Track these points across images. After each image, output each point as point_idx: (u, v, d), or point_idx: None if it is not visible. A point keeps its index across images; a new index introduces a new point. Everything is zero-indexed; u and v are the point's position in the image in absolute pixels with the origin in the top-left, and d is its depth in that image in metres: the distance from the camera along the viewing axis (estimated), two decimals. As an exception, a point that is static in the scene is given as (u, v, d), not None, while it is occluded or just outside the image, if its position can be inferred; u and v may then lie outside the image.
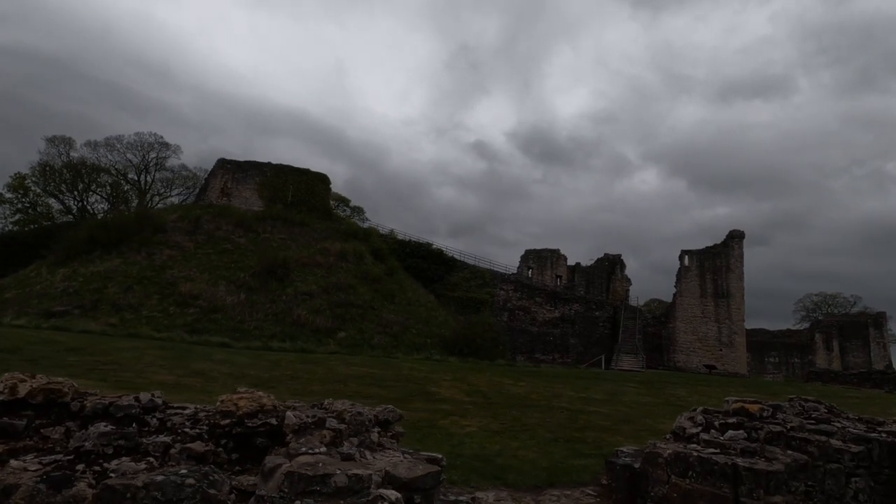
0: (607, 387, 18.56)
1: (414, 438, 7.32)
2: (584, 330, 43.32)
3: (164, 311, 28.35)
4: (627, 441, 8.51)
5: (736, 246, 39.53)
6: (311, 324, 30.60)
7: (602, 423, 10.11)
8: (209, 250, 35.17)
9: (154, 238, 34.90)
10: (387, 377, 13.73)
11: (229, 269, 33.75)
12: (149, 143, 47.97)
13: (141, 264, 32.25)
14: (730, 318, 38.78)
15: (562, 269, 48.01)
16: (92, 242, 33.39)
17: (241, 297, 31.32)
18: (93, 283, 29.87)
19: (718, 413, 5.53)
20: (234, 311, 29.77)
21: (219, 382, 10.10)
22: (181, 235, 35.90)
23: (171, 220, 37.30)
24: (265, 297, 32.16)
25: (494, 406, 10.92)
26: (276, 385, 10.53)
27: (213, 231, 37.12)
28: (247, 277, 33.21)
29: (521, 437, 8.11)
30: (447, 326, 36.31)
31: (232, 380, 10.49)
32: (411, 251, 44.47)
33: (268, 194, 41.69)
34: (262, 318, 30.01)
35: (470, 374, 17.26)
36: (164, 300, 29.35)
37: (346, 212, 60.05)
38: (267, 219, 39.82)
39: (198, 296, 30.05)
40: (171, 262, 33.11)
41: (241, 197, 41.35)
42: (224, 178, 41.51)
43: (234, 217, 38.52)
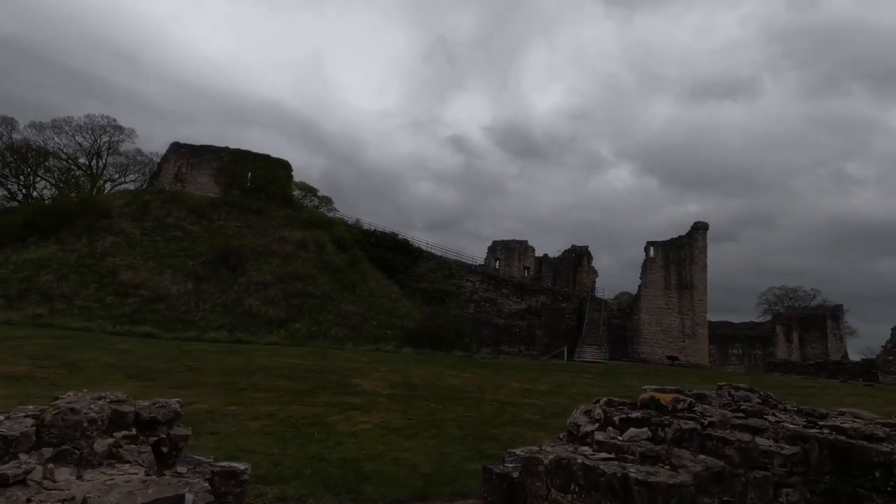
0: (560, 378, 17.52)
1: (282, 438, 6.00)
2: (551, 322, 42.52)
3: (100, 301, 26.32)
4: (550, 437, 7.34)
5: (700, 237, 39.14)
6: (263, 315, 28.96)
7: (531, 418, 8.95)
8: (157, 238, 33.07)
9: (98, 224, 32.64)
10: (310, 368, 12.35)
11: (177, 258, 31.76)
12: (100, 126, 45.14)
13: (80, 252, 30.03)
14: (693, 310, 38.43)
15: (530, 261, 47.12)
16: (28, 228, 31.01)
17: (189, 286, 29.41)
18: (23, 270, 27.61)
19: (624, 405, 4.34)
20: (178, 301, 27.89)
21: (83, 374, 8.60)
22: (127, 222, 33.68)
23: (118, 205, 34.98)
24: (215, 286, 30.33)
25: (415, 399, 9.67)
26: (159, 377, 9.07)
27: (163, 218, 34.96)
28: (196, 266, 31.29)
29: (421, 436, 6.88)
30: (411, 318, 35.03)
31: (107, 372, 9.00)
32: (376, 241, 42.93)
33: (225, 180, 39.57)
34: (209, 309, 28.21)
35: (413, 365, 16.00)
36: (102, 289, 27.30)
37: (314, 201, 58.03)
38: (223, 206, 37.77)
39: (140, 285, 28.07)
40: (113, 249, 30.95)
41: (196, 183, 39.14)
42: (178, 162, 39.22)
43: (186, 203, 36.38)
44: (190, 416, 6.75)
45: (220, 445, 5.45)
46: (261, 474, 4.68)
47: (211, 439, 5.72)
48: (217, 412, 6.99)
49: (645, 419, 3.91)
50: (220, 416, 6.78)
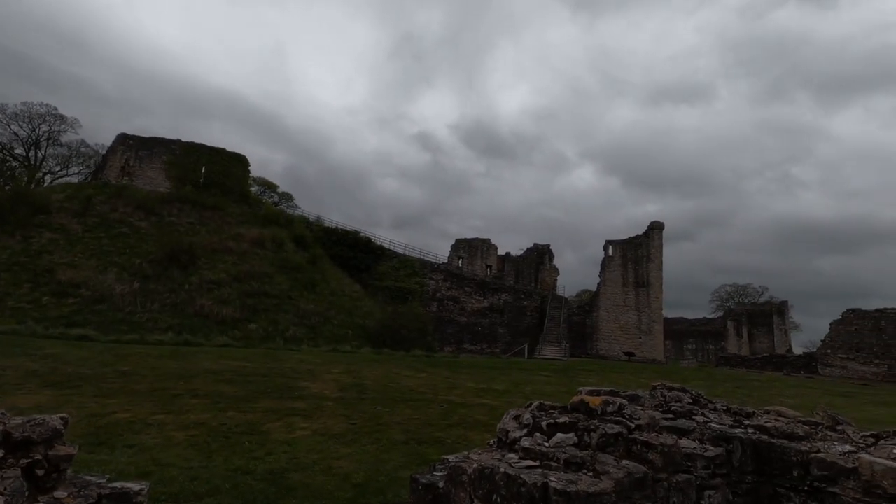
0: (517, 376, 17.59)
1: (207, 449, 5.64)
2: (513, 320, 42.90)
3: (35, 302, 24.70)
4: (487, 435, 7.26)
5: (656, 236, 40.31)
6: (215, 315, 27.88)
7: (480, 419, 8.84)
8: (101, 234, 31.35)
9: (34, 220, 30.65)
10: (257, 372, 11.87)
11: (123, 255, 30.20)
12: (39, 115, 42.44)
13: (13, 248, 28.13)
14: (649, 307, 39.56)
15: (492, 259, 47.38)
16: (-46, 223, 28.77)
17: (135, 285, 27.99)
18: (-52, 269, 25.58)
19: (555, 409, 4.24)
20: (123, 301, 26.48)
21: (-3, 382, 7.93)
22: (68, 217, 31.78)
23: (58, 199, 32.96)
24: (164, 286, 28.99)
25: (363, 402, 9.40)
26: (82, 385, 8.45)
27: (108, 213, 33.18)
28: (144, 264, 29.84)
29: (361, 441, 6.63)
30: (373, 317, 34.56)
31: (23, 379, 8.32)
32: (338, 239, 42.21)
33: (177, 174, 37.90)
34: (157, 310, 26.92)
35: (369, 366, 15.68)
36: (38, 289, 25.64)
37: (274, 198, 56.50)
38: (174, 201, 36.17)
39: (80, 284, 26.51)
40: (51, 246, 29.13)
41: (145, 177, 37.34)
42: (126, 155, 37.29)
43: (134, 198, 34.65)
44: (108, 427, 6.28)
45: (134, 461, 5.05)
46: (173, 491, 4.34)
47: (125, 454, 5.30)
48: (140, 422, 6.54)
49: (572, 424, 3.82)
50: (142, 427, 6.34)
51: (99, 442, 5.58)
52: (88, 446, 5.38)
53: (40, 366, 9.76)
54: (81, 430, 5.96)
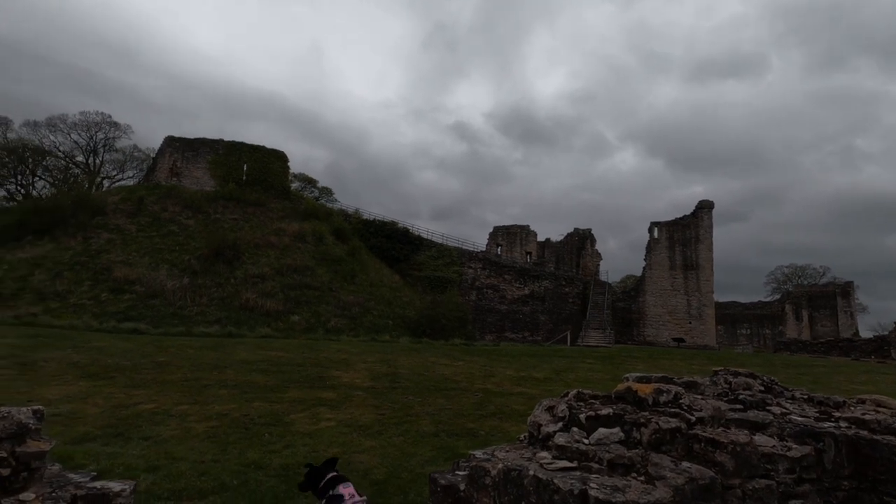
0: (559, 364, 16.79)
1: (224, 442, 5.31)
2: (554, 307, 41.74)
3: (94, 298, 25.88)
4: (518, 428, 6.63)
5: (705, 216, 38.01)
6: (260, 307, 28.43)
7: (517, 409, 8.22)
8: (153, 233, 32.55)
9: (93, 221, 32.17)
10: (290, 361, 11.70)
11: (173, 253, 31.25)
12: (95, 123, 44.62)
13: (75, 249, 29.60)
14: (699, 290, 37.44)
15: (531, 246, 46.23)
16: (23, 228, 30.59)
17: (185, 281, 28.89)
18: (18, 270, 27.19)
19: (595, 399, 3.57)
20: (174, 296, 27.37)
21: (34, 374, 7.99)
22: (123, 218, 33.19)
23: (113, 202, 34.47)
24: (212, 280, 29.80)
25: (394, 392, 8.97)
26: (118, 376, 8.43)
27: (159, 213, 34.43)
28: (192, 261, 30.75)
29: (388, 433, 6.17)
30: (412, 307, 34.46)
31: (63, 371, 8.38)
32: (376, 230, 42.26)
33: (221, 173, 38.91)
34: (205, 303, 27.71)
35: (405, 355, 15.33)
36: (97, 286, 26.85)
37: (314, 193, 57.36)
38: (219, 199, 37.15)
39: (134, 281, 27.57)
40: (109, 246, 30.49)
41: (192, 177, 38.54)
42: (173, 156, 38.60)
43: (182, 198, 35.81)
44: (129, 418, 6.10)
45: (146, 454, 4.79)
46: (177, 488, 4.01)
47: (139, 446, 5.06)
48: (163, 413, 6.34)
49: (618, 416, 3.14)
50: (163, 418, 6.13)
51: (116, 433, 5.37)
52: (105, 438, 5.17)
53: (83, 357, 9.91)
54: (103, 421, 5.79)
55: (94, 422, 5.69)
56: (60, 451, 4.56)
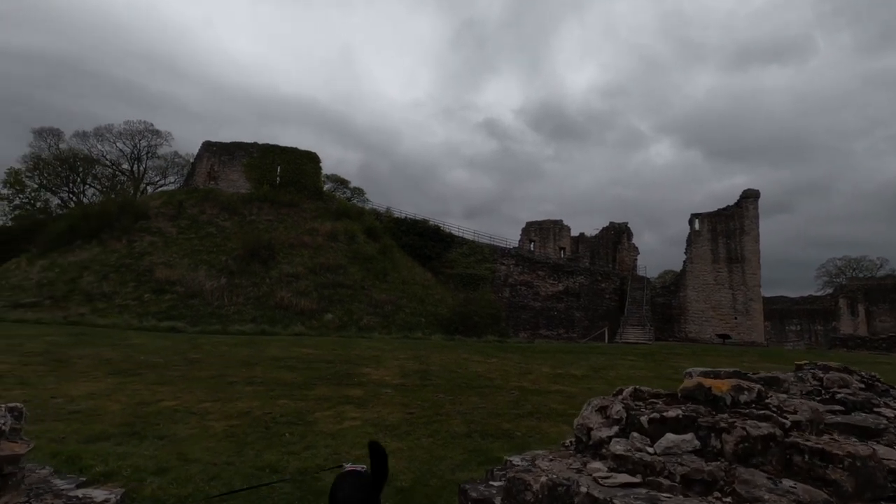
0: (597, 360, 15.98)
1: (242, 442, 4.95)
2: (590, 303, 40.47)
3: (138, 299, 26.64)
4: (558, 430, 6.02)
5: (750, 206, 35.91)
6: (294, 306, 28.65)
7: (556, 408, 7.60)
8: (192, 235, 33.38)
9: (136, 225, 33.27)
10: (321, 358, 11.42)
11: (211, 254, 31.92)
12: (139, 131, 46.31)
13: (120, 252, 30.63)
14: (745, 284, 35.42)
15: (565, 241, 45.02)
16: (73, 232, 31.92)
17: (222, 281, 29.43)
18: (69, 272, 28.35)
19: (657, 398, 2.96)
20: (212, 296, 27.91)
21: (65, 370, 7.94)
22: (164, 221, 34.19)
23: (155, 206, 35.59)
24: (248, 280, 30.26)
25: (424, 389, 8.50)
26: (147, 373, 8.30)
27: (197, 216, 35.31)
28: (229, 261, 31.33)
29: (416, 434, 5.69)
30: (444, 304, 34.07)
31: (94, 367, 8.32)
32: (407, 228, 42.09)
33: (255, 176, 39.61)
34: (242, 302, 28.13)
35: (437, 352, 14.87)
36: (140, 287, 27.67)
37: (346, 193, 57.86)
38: (254, 201, 37.81)
39: (175, 282, 28.27)
40: (151, 248, 31.42)
41: (228, 180, 39.39)
42: (210, 161, 39.55)
43: (219, 200, 36.63)
44: (149, 416, 5.86)
45: (157, 454, 4.49)
46: (184, 493, 3.66)
47: (153, 446, 4.77)
48: (184, 410, 6.09)
49: (689, 419, 2.53)
50: (183, 416, 5.86)
51: (132, 432, 5.11)
52: (119, 437, 4.91)
53: (117, 354, 9.91)
54: (121, 418, 5.55)
55: (112, 419, 5.46)
56: (70, 451, 4.31)
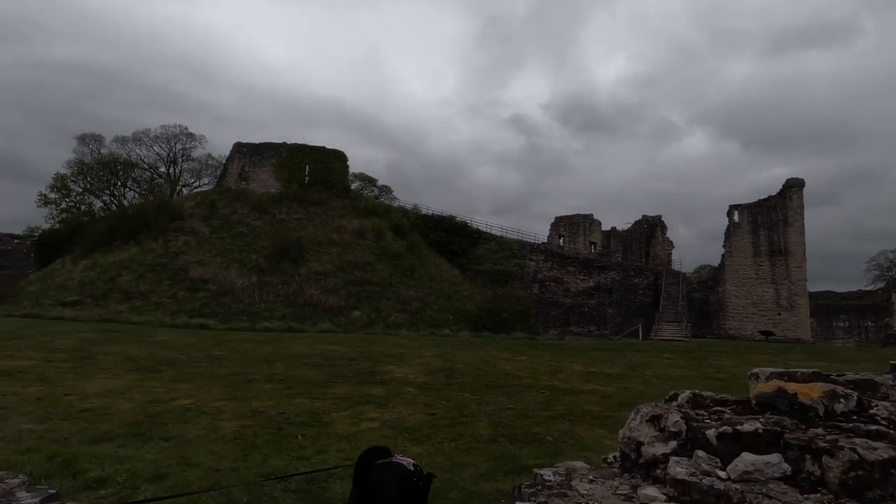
0: (632, 358, 15.19)
1: (251, 445, 4.60)
2: (623, 299, 39.20)
3: (173, 297, 27.19)
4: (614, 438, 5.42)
5: (794, 196, 33.93)
6: (323, 303, 28.70)
7: (591, 409, 7.01)
8: (224, 234, 33.93)
9: (171, 225, 34.04)
10: (344, 355, 11.13)
11: (242, 252, 32.35)
12: (174, 135, 47.58)
13: (156, 252, 31.38)
14: (789, 278, 33.51)
15: (596, 236, 43.76)
16: (112, 234, 32.91)
17: (253, 279, 29.75)
18: (109, 272, 29.20)
19: (724, 406, 2.38)
20: (243, 293, 28.24)
21: (88, 367, 7.85)
22: (197, 221, 34.88)
23: (189, 207, 36.38)
24: (278, 278, 30.50)
25: (449, 388, 8.04)
26: (167, 370, 8.14)
27: (229, 215, 35.89)
28: (260, 259, 31.67)
29: (438, 437, 5.23)
30: (472, 301, 33.59)
31: (117, 364, 8.23)
32: (434, 225, 41.78)
33: (285, 175, 40.04)
34: (272, 300, 28.36)
35: (464, 349, 14.40)
36: (175, 286, 28.23)
37: (374, 191, 58.04)
38: (283, 200, 38.19)
39: (208, 280, 28.74)
40: (185, 248, 32.07)
41: (258, 180, 39.95)
42: (241, 162, 40.20)
43: (250, 200, 37.16)
44: (159, 415, 5.61)
45: (158, 458, 4.19)
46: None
47: (155, 448, 4.48)
48: (196, 410, 5.82)
49: (772, 435, 1.96)
50: (194, 416, 5.59)
51: (138, 433, 4.84)
52: (124, 437, 4.64)
53: (142, 351, 9.86)
54: (130, 417, 5.31)
55: (120, 419, 5.23)
56: (69, 453, 4.05)
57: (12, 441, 4.22)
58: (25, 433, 4.40)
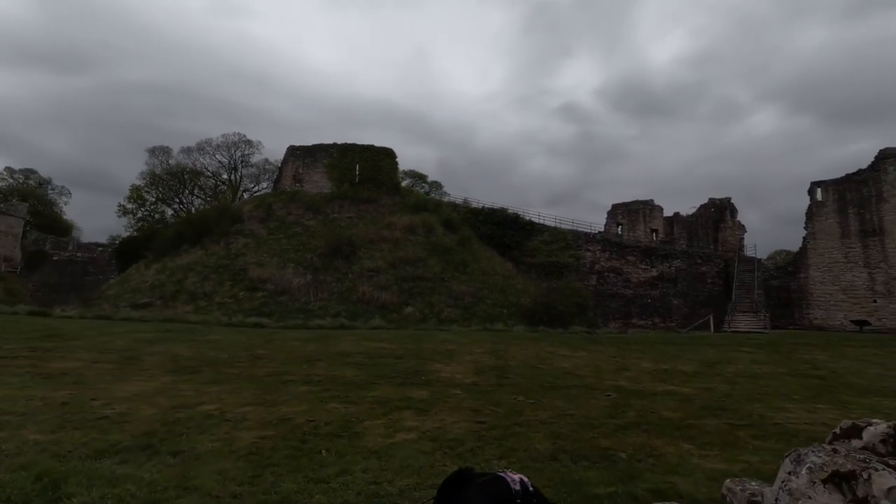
0: (707, 353, 13.59)
1: (265, 462, 3.93)
2: (689, 288, 36.41)
3: (234, 297, 28.00)
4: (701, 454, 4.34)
5: (890, 169, 29.89)
6: (375, 300, 28.59)
7: (668, 416, 5.87)
8: (280, 235, 34.74)
9: (232, 229, 35.25)
10: (391, 353, 10.49)
11: (298, 252, 32.94)
12: (234, 143, 49.56)
13: (219, 254, 32.55)
14: (885, 261, 29.60)
15: (657, 223, 40.99)
16: (180, 239, 34.55)
17: (308, 278, 30.16)
18: (176, 275, 30.57)
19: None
20: (299, 292, 28.66)
21: (130, 368, 7.65)
22: (256, 224, 35.94)
23: (248, 210, 37.59)
24: (331, 276, 30.76)
25: (500, 390, 7.13)
26: (206, 370, 7.80)
27: (285, 217, 36.73)
28: (314, 258, 32.10)
29: (485, 453, 4.35)
30: (527, 295, 32.41)
31: (158, 365, 8.01)
32: (485, 218, 40.78)
33: (336, 175, 40.55)
34: (326, 298, 28.58)
35: (518, 344, 13.43)
36: (236, 286, 29.08)
37: (424, 188, 57.87)
38: (335, 199, 38.66)
39: (266, 280, 29.41)
40: (245, 249, 33.07)
41: (311, 181, 40.71)
42: (295, 164, 41.12)
43: (303, 201, 37.88)
44: (177, 423, 5.11)
45: (157, 479, 3.60)
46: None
47: (158, 466, 3.91)
48: (218, 417, 5.29)
49: None
50: (215, 424, 5.05)
51: (147, 445, 4.33)
52: (130, 451, 4.13)
53: (188, 351, 9.70)
54: (146, 426, 4.84)
55: (135, 428, 4.77)
56: (61, 472, 3.56)
57: (11, 454, 3.81)
58: (29, 445, 3.99)
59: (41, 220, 48.94)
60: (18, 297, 36.57)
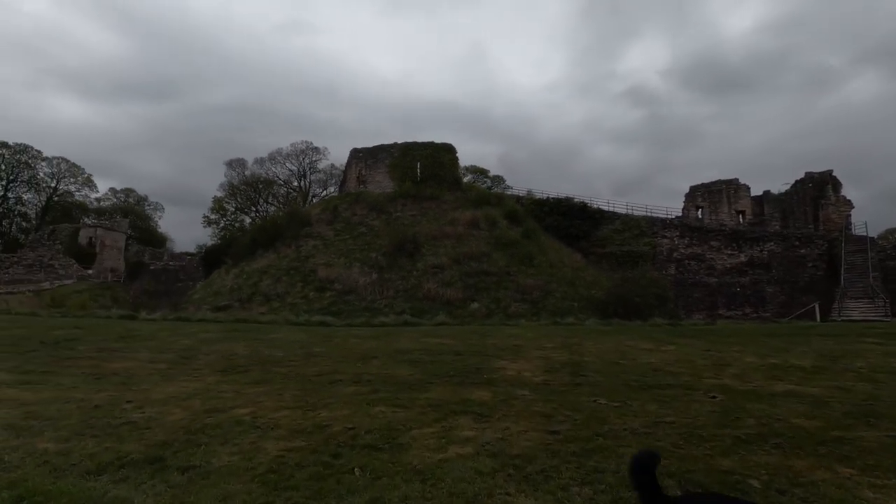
0: (822, 345, 11.42)
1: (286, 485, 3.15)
2: (786, 274, 32.35)
3: (304, 297, 28.63)
4: (890, 494, 3.04)
5: None
6: (440, 297, 28.06)
7: (800, 424, 4.46)
8: (346, 236, 35.28)
9: (302, 232, 36.33)
10: (451, 350, 9.61)
11: (363, 251, 33.21)
12: (302, 150, 51.40)
13: (290, 257, 33.59)
14: None
15: (744, 203, 36.94)
16: (255, 244, 36.15)
17: (373, 276, 30.24)
18: (252, 278, 31.87)
19: None
20: (365, 291, 28.78)
21: (181, 367, 7.35)
22: (323, 226, 36.77)
23: (315, 213, 38.60)
24: (396, 274, 30.63)
25: (576, 391, 5.96)
26: (255, 370, 7.33)
27: (350, 217, 37.30)
28: (379, 257, 32.19)
29: (561, 475, 3.27)
30: (599, 286, 30.44)
31: (209, 364, 7.68)
32: (550, 209, 39.00)
33: (398, 174, 40.65)
34: (392, 296, 28.46)
35: (592, 338, 12.05)
36: (306, 287, 29.76)
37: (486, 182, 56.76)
38: (398, 198, 38.75)
39: (334, 280, 29.85)
40: (314, 251, 33.88)
41: (374, 181, 41.12)
42: (358, 166, 41.72)
43: (367, 201, 38.27)
44: (203, 430, 4.50)
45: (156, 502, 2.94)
46: None
47: (159, 486, 3.20)
48: (248, 423, 4.64)
49: None
50: (243, 431, 4.40)
51: (158, 458, 3.72)
52: (137, 465, 3.53)
53: (245, 349, 9.44)
54: (168, 434, 4.28)
55: (154, 435, 4.23)
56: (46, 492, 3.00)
57: (9, 468, 3.35)
58: (36, 456, 3.53)
59: (140, 234, 53.61)
60: (122, 304, 40.16)
